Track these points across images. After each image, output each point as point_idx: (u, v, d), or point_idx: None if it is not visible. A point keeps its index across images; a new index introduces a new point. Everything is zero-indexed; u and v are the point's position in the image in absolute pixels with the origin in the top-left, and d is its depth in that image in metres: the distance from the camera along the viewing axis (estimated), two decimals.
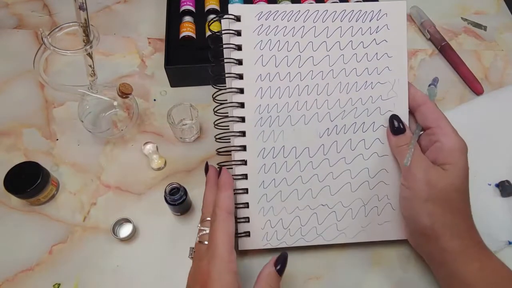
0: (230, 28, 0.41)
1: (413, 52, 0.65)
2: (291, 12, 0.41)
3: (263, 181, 0.42)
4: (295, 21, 0.41)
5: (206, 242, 0.38)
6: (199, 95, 0.59)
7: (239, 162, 0.42)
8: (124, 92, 0.49)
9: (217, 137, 0.43)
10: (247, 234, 0.43)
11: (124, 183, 0.51)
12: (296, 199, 0.42)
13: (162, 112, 0.56)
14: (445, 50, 0.64)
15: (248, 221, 0.42)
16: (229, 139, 0.43)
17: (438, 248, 0.39)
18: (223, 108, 0.42)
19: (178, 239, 0.47)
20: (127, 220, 0.47)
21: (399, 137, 0.41)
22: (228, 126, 0.43)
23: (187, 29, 0.60)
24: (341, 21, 0.42)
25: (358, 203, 0.43)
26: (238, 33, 0.41)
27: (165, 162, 0.52)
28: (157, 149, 0.53)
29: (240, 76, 0.41)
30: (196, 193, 0.50)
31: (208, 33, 0.61)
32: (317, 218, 0.42)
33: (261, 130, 0.42)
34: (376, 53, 0.42)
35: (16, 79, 0.60)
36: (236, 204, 0.41)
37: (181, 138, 0.54)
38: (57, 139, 0.54)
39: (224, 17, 0.41)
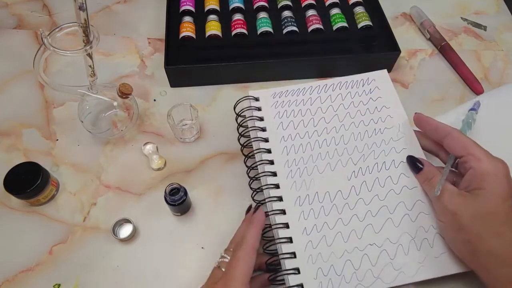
0: (252, 106, 0.49)
1: (413, 52, 0.65)
2: (298, 90, 0.51)
3: (305, 228, 0.42)
4: (303, 94, 0.50)
5: (223, 269, 0.39)
6: (199, 95, 0.59)
7: (278, 212, 0.43)
8: (124, 92, 0.49)
9: (252, 186, 0.46)
10: (300, 286, 0.40)
11: (124, 183, 0.51)
12: (342, 241, 0.42)
13: (162, 112, 0.56)
14: (445, 50, 0.64)
15: (298, 272, 0.40)
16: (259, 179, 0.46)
17: (491, 277, 0.37)
18: (255, 163, 0.47)
19: (178, 239, 0.47)
20: (127, 220, 0.47)
21: (421, 174, 0.43)
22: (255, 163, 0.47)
23: (187, 29, 0.60)
24: (340, 89, 0.51)
25: (406, 237, 0.42)
26: (259, 109, 0.49)
27: (165, 162, 0.52)
28: (157, 149, 0.53)
29: (266, 140, 0.47)
30: (196, 193, 0.50)
31: (208, 33, 0.61)
32: (369, 259, 0.41)
33: (292, 181, 0.45)
34: (376, 107, 0.49)
35: (16, 79, 0.60)
36: (282, 254, 0.41)
37: (181, 138, 0.54)
38: (57, 139, 0.54)
39: (246, 97, 0.50)
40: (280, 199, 0.44)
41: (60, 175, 0.51)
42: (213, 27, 0.61)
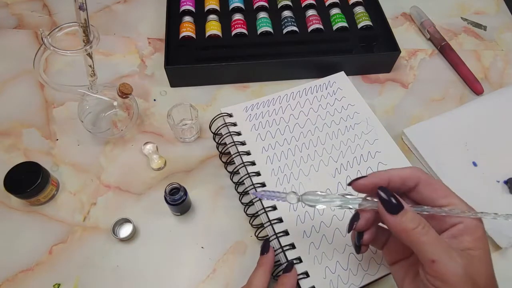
0: (227, 122, 0.50)
1: (413, 52, 0.65)
2: (267, 101, 0.53)
3: (304, 231, 0.43)
4: (273, 105, 0.53)
5: None
6: (199, 95, 0.59)
7: (275, 221, 0.43)
8: (124, 92, 0.49)
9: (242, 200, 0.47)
10: None
11: (124, 183, 0.51)
12: (341, 236, 0.43)
13: (162, 112, 0.56)
14: (445, 50, 0.64)
15: (308, 275, 0.41)
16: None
17: None
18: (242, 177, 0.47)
19: (178, 239, 0.47)
20: (127, 220, 0.47)
21: (401, 216, 0.30)
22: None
23: (187, 29, 0.60)
24: (306, 95, 0.54)
25: None
26: (234, 124, 0.50)
27: (165, 162, 0.52)
28: (157, 149, 0.53)
29: (248, 153, 0.48)
30: (196, 193, 0.50)
31: (208, 33, 0.61)
32: (369, 248, 0.42)
33: (282, 188, 0.46)
34: (342, 106, 0.53)
35: (16, 79, 0.60)
36: (292, 260, 0.41)
37: (181, 138, 0.54)
38: (57, 139, 0.54)
39: (220, 115, 0.51)
40: (274, 208, 0.44)
41: (60, 175, 0.51)
42: (213, 27, 0.61)
